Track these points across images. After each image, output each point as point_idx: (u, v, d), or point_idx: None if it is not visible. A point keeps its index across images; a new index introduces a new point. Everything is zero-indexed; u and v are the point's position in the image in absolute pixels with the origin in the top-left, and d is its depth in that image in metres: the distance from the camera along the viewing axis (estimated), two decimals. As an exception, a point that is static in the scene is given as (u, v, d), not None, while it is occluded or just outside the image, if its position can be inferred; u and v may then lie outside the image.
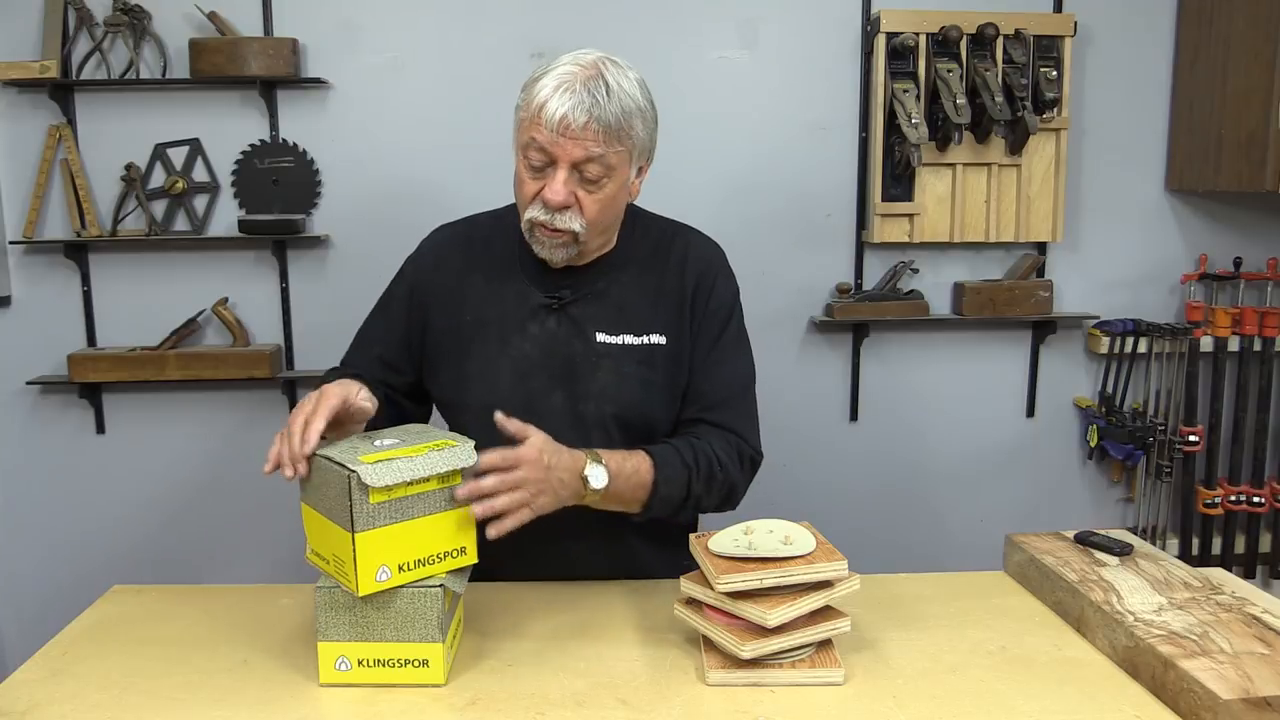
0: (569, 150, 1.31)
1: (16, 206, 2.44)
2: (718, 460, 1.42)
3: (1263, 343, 2.56)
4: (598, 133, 1.31)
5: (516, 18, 2.43)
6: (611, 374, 1.43)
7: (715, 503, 1.45)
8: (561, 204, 1.33)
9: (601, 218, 1.38)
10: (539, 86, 1.32)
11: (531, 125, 1.32)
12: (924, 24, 2.40)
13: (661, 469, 1.36)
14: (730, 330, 1.51)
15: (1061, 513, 2.66)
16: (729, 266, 1.53)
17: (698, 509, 1.47)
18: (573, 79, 1.31)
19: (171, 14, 2.38)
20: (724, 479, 1.43)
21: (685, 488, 1.39)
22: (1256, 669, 1.07)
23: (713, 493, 1.43)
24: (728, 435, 1.46)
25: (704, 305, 1.48)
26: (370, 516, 1.12)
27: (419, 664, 1.16)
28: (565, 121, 1.29)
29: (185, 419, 2.54)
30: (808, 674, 1.16)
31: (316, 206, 2.48)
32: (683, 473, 1.38)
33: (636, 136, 1.36)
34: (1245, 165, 2.34)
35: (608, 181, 1.35)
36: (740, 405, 1.51)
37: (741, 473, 1.47)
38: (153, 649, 1.27)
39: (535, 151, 1.33)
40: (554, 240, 1.37)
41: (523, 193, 1.37)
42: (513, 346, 1.44)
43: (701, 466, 1.40)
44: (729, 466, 1.43)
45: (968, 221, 2.51)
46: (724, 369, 1.49)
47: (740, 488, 1.48)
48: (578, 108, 1.29)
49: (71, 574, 2.56)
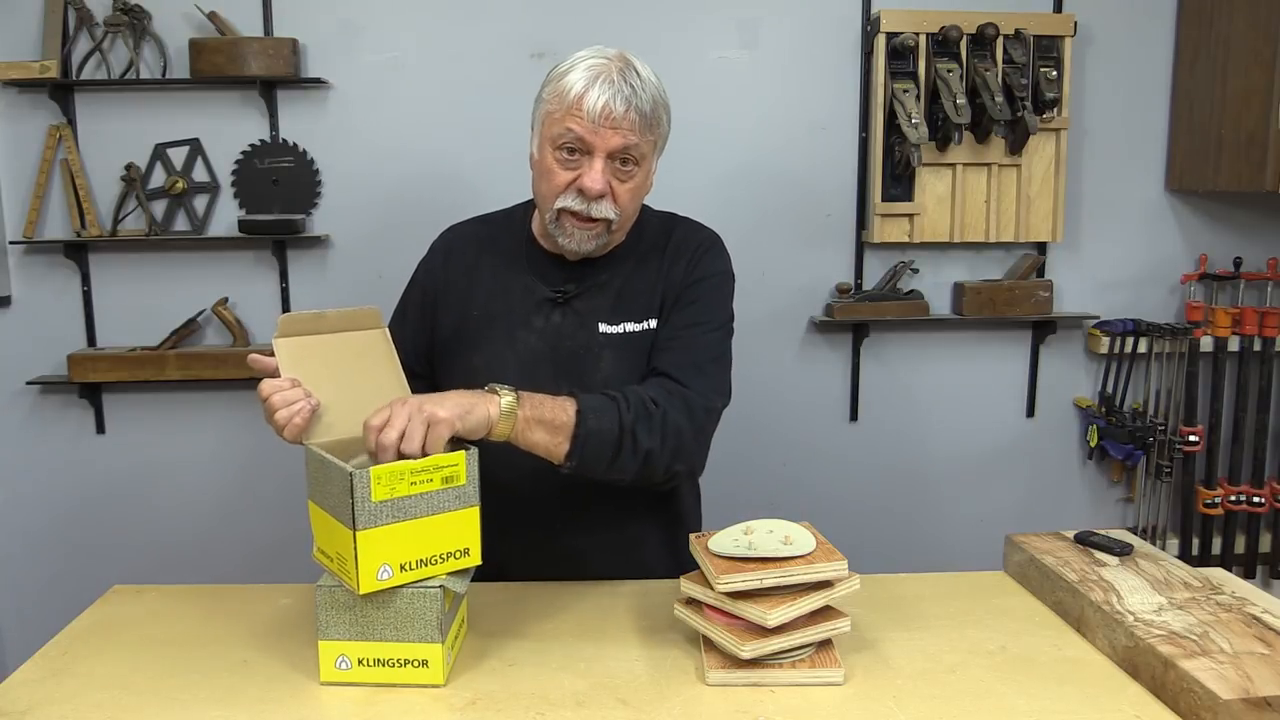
0: (608, 139, 1.33)
1: (16, 206, 2.44)
2: (650, 400, 1.33)
3: (1263, 343, 2.56)
4: (635, 122, 1.34)
5: (516, 18, 2.43)
6: (614, 364, 1.43)
7: (661, 449, 1.32)
8: (600, 192, 1.35)
9: (632, 206, 1.41)
10: (571, 79, 1.34)
11: (568, 116, 1.34)
12: (924, 24, 2.40)
13: (584, 400, 1.29)
14: (708, 299, 1.46)
15: (1061, 513, 2.66)
16: (724, 248, 1.53)
17: (640, 457, 1.31)
18: (607, 69, 1.34)
19: (171, 14, 2.38)
20: (662, 418, 1.32)
21: (616, 418, 1.28)
22: (1256, 669, 1.07)
23: (652, 431, 1.31)
24: (666, 383, 1.38)
25: (689, 277, 1.47)
26: (372, 515, 1.12)
27: (419, 664, 1.16)
28: (607, 110, 1.32)
29: (185, 419, 2.54)
30: (808, 674, 1.16)
31: (316, 206, 2.48)
32: (609, 404, 1.30)
33: (663, 127, 1.40)
34: (1245, 165, 2.34)
35: (638, 171, 1.38)
36: (695, 358, 1.41)
37: (690, 420, 1.35)
38: (153, 649, 1.27)
39: (572, 141, 1.34)
40: (586, 230, 1.39)
41: (554, 183, 1.38)
42: (519, 340, 1.45)
43: (632, 400, 1.31)
44: (669, 409, 1.33)
45: (968, 221, 2.51)
46: (690, 331, 1.43)
47: (689, 437, 1.35)
48: (617, 96, 1.32)
49: (71, 574, 2.56)
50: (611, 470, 1.31)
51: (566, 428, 1.26)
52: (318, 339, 1.29)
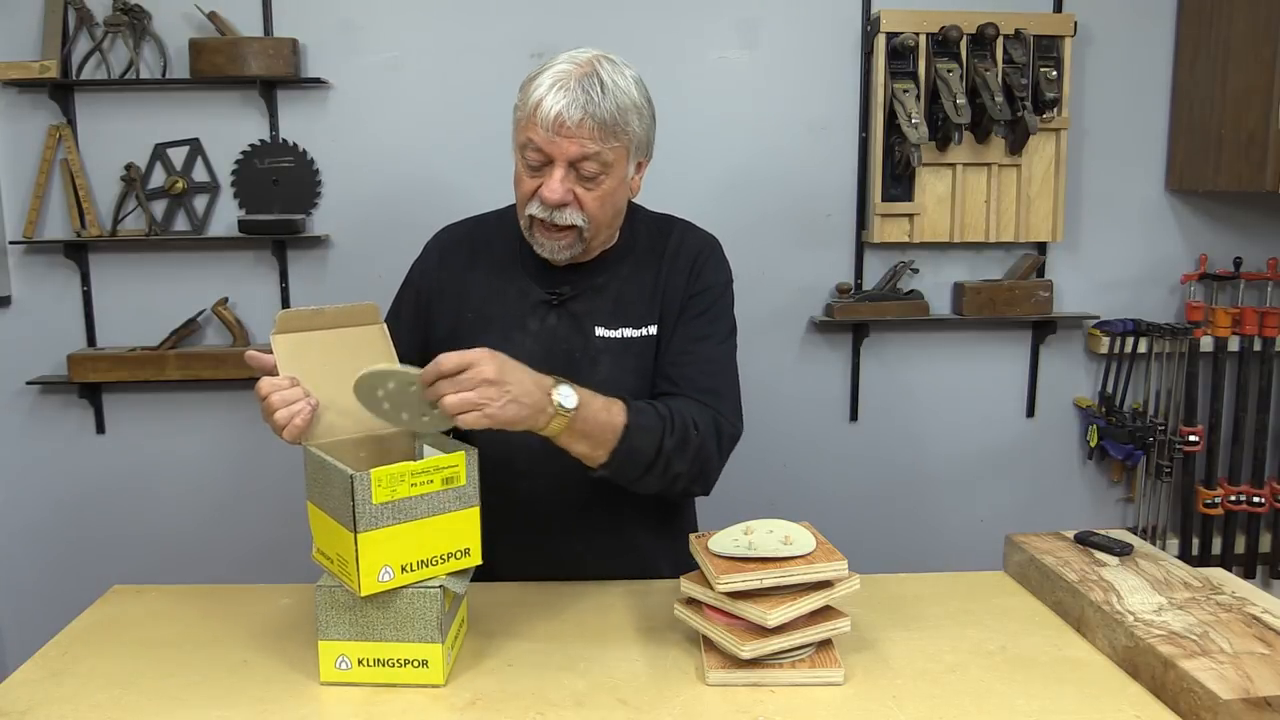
0: (564, 148, 1.31)
1: (16, 206, 2.44)
2: (694, 424, 1.35)
3: (1263, 343, 2.56)
4: (593, 129, 1.31)
5: (516, 18, 2.43)
6: (611, 368, 1.43)
7: (688, 472, 1.36)
8: (558, 202, 1.34)
9: (602, 213, 1.38)
10: (534, 86, 1.33)
11: (528, 124, 1.33)
12: (924, 24, 2.40)
13: (634, 415, 1.30)
14: (714, 310, 1.47)
15: (1061, 513, 2.66)
16: (723, 255, 1.53)
17: (668, 478, 1.35)
18: (567, 77, 1.31)
19: (171, 14, 2.38)
20: (699, 445, 1.35)
21: (658, 441, 1.31)
22: (1256, 669, 1.07)
23: (686, 457, 1.34)
24: (705, 408, 1.40)
25: (694, 286, 1.47)
26: (373, 517, 1.12)
27: (418, 664, 1.16)
28: (560, 119, 1.30)
29: (185, 419, 2.54)
30: (808, 674, 1.16)
31: (316, 206, 2.48)
32: (657, 424, 1.31)
33: (633, 132, 1.36)
34: (1245, 165, 2.34)
35: (605, 178, 1.35)
36: (719, 380, 1.44)
37: (718, 447, 1.39)
38: (153, 649, 1.27)
39: (532, 151, 1.33)
40: (555, 240, 1.38)
41: (521, 191, 1.38)
42: (514, 343, 1.43)
43: (676, 424, 1.33)
44: (705, 435, 1.36)
45: (968, 221, 2.51)
46: (706, 346, 1.45)
47: (715, 462, 1.40)
48: (572, 105, 1.30)
49: (71, 574, 2.56)
50: (637, 484, 1.34)
51: (609, 442, 1.28)
52: (316, 335, 1.28)
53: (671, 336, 1.45)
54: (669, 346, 1.45)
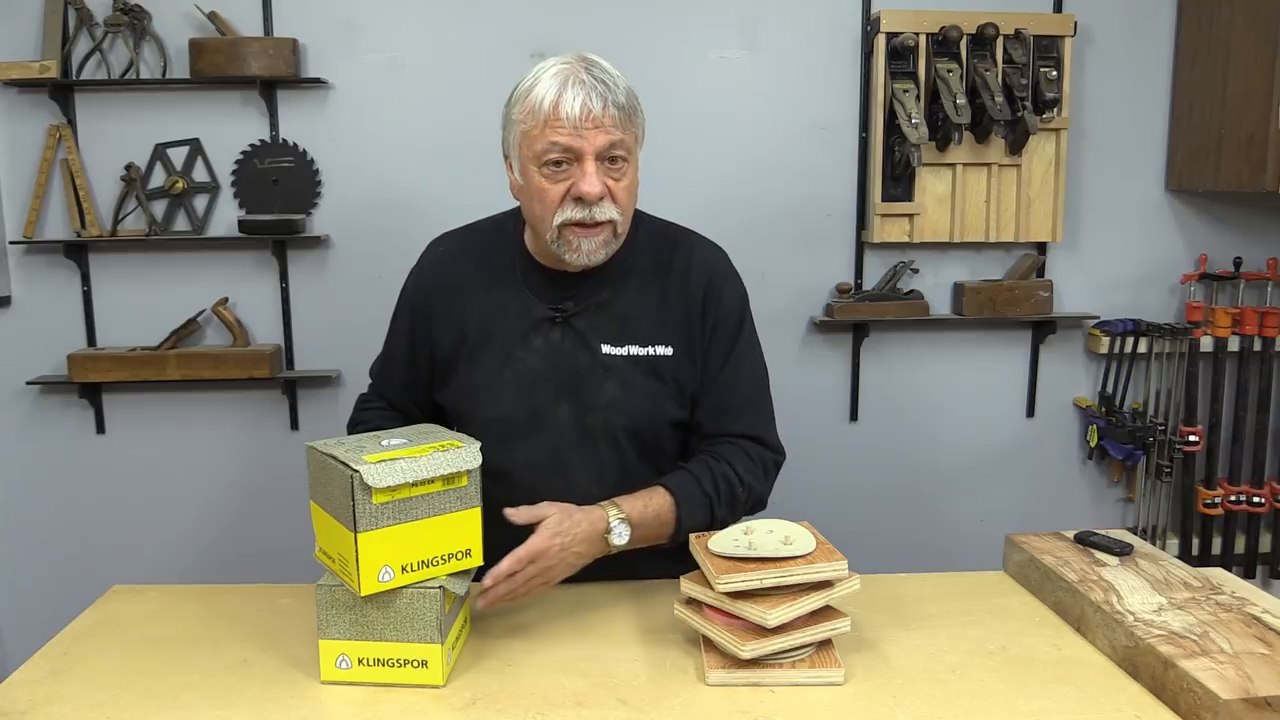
0: (594, 140, 1.30)
1: (16, 206, 2.44)
2: (740, 481, 1.42)
3: (1263, 343, 2.56)
4: (615, 117, 1.31)
5: (516, 18, 2.43)
6: (619, 386, 1.41)
7: (741, 515, 1.44)
8: (600, 194, 1.32)
9: (630, 205, 1.39)
10: (539, 91, 1.31)
11: (547, 129, 1.30)
12: (924, 24, 2.40)
13: (683, 504, 1.36)
14: (743, 336, 1.49)
15: (1061, 513, 2.66)
16: (734, 270, 1.52)
17: (718, 526, 1.42)
18: (573, 72, 1.31)
19: (171, 14, 2.38)
20: (747, 497, 1.44)
21: (709, 515, 1.39)
22: (1256, 669, 1.07)
23: (737, 511, 1.43)
24: (749, 446, 1.45)
25: (714, 313, 1.46)
26: (373, 517, 1.12)
27: (418, 664, 1.16)
28: (586, 110, 1.29)
29: (185, 419, 2.54)
30: (808, 674, 1.16)
31: (316, 206, 2.48)
32: (704, 502, 1.38)
33: (640, 119, 1.38)
34: (1245, 165, 2.34)
35: (628, 166, 1.36)
36: (759, 410, 1.49)
37: (766, 481, 1.48)
38: (153, 649, 1.27)
39: (556, 154, 1.31)
40: (593, 238, 1.35)
41: (547, 201, 1.34)
42: (516, 359, 1.42)
43: (722, 491, 1.40)
44: (752, 484, 1.44)
45: (968, 221, 2.51)
46: (740, 374, 1.47)
47: (765, 495, 1.49)
48: (593, 94, 1.29)
49: (71, 574, 2.56)
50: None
51: (665, 539, 1.38)
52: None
53: (706, 369, 1.45)
54: (703, 380, 1.46)
